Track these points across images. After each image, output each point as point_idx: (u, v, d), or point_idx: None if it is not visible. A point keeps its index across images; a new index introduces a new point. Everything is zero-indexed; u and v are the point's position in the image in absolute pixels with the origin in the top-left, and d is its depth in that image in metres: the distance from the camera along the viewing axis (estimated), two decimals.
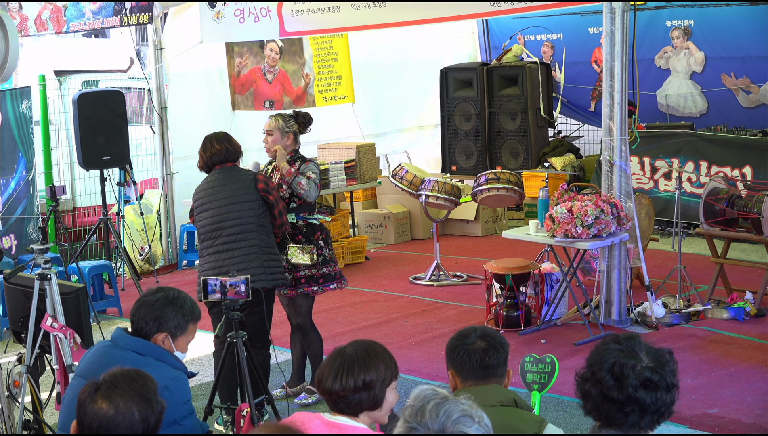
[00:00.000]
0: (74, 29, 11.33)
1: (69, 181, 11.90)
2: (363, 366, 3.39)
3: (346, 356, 3.43)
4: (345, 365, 3.39)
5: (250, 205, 6.16)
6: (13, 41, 5.03)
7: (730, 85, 12.39)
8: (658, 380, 2.94)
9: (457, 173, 13.21)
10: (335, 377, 3.38)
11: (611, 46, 7.90)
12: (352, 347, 3.47)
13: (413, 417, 2.61)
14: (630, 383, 2.92)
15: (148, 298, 4.13)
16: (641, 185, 11.52)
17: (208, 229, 6.19)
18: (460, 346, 3.62)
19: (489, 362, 3.58)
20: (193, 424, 4.05)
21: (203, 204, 6.25)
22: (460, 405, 2.61)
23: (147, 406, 3.05)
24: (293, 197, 6.51)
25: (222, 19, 10.64)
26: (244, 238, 6.11)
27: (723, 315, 8.05)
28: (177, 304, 4.13)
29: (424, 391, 2.67)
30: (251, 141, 12.36)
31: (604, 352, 3.01)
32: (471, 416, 2.60)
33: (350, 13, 9.66)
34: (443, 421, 2.57)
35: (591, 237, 7.49)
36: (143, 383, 3.11)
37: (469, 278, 9.91)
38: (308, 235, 6.53)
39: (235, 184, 6.19)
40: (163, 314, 4.09)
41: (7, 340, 7.93)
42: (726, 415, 6.08)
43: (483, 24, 14.69)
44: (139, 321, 4.08)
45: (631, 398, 2.93)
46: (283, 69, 12.25)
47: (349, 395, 3.37)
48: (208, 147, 6.29)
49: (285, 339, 8.02)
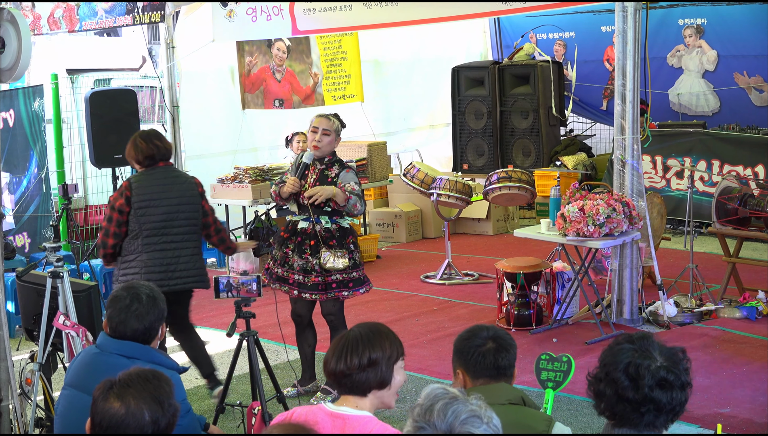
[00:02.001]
0: (87, 28, 11.35)
1: (81, 179, 11.91)
2: (368, 344, 3.40)
3: (350, 336, 3.44)
4: (350, 345, 3.41)
5: (195, 208, 6.35)
6: (26, 40, 5.03)
7: (743, 84, 12.35)
8: (673, 379, 2.94)
9: (468, 172, 13.19)
10: (339, 357, 3.39)
11: (623, 44, 7.88)
12: (356, 328, 3.50)
13: (421, 416, 2.61)
14: (646, 384, 2.91)
15: (134, 308, 4.00)
16: (653, 184, 11.49)
17: (157, 225, 6.23)
18: (473, 347, 3.61)
19: (502, 363, 3.58)
20: (191, 421, 4.05)
21: (153, 199, 6.24)
22: (468, 405, 2.60)
23: (158, 408, 3.04)
24: (328, 202, 6.40)
25: (234, 17, 10.65)
26: (190, 238, 6.31)
27: (735, 314, 8.03)
28: (159, 304, 4.10)
29: (435, 390, 2.66)
30: (262, 139, 12.42)
31: (618, 352, 3.00)
32: (479, 417, 2.59)
33: (362, 12, 9.66)
34: (451, 421, 2.57)
35: (603, 236, 7.48)
36: (158, 385, 3.10)
37: (480, 277, 9.90)
38: (341, 239, 6.44)
39: (183, 185, 6.34)
40: (153, 321, 4.06)
41: (19, 338, 7.95)
42: (738, 414, 6.06)
43: (495, 22, 14.67)
44: (133, 333, 4.00)
45: (647, 398, 2.92)
46: (290, 68, 12.26)
47: (354, 373, 3.37)
48: (147, 143, 6.31)
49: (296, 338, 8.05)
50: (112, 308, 4.04)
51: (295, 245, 6.45)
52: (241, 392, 6.58)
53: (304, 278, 6.40)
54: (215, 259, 11.14)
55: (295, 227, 6.49)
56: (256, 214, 9.97)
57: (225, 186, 10.12)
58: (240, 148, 12.12)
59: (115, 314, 4.02)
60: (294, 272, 6.42)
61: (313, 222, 6.40)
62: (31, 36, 5.41)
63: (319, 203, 6.35)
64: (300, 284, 6.41)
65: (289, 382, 6.79)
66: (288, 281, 6.44)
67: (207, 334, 8.43)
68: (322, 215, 6.40)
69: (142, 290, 4.10)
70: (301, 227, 6.45)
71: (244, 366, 6.27)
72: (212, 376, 6.51)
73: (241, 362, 5.92)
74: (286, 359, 7.03)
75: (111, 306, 4.05)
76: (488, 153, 13.27)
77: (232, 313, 5.52)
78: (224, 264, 10.64)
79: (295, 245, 6.45)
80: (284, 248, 6.50)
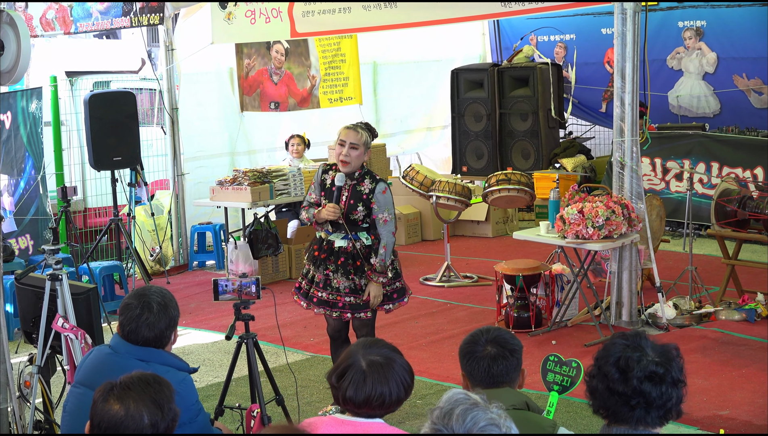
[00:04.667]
0: (84, 30, 11.34)
1: (80, 181, 11.93)
2: (378, 381, 3.33)
3: (358, 367, 3.34)
4: (359, 377, 3.32)
5: None
6: (25, 42, 5.03)
7: (742, 86, 12.35)
8: (663, 373, 2.95)
9: (467, 174, 13.19)
10: (355, 390, 3.32)
11: (622, 47, 7.89)
12: (363, 359, 3.37)
13: (440, 419, 2.61)
14: (635, 375, 2.93)
15: (144, 317, 4.00)
16: (652, 186, 11.49)
17: None
18: (471, 353, 3.58)
19: (496, 371, 3.53)
20: (204, 421, 4.06)
21: None
22: (489, 413, 2.60)
23: (158, 411, 3.04)
24: (366, 218, 6.12)
25: (233, 19, 10.65)
26: None
27: (734, 316, 8.03)
28: (170, 312, 4.10)
29: (456, 395, 2.65)
30: (259, 141, 12.42)
31: (610, 347, 3.04)
32: (498, 426, 2.59)
33: (361, 14, 9.66)
34: (469, 427, 2.56)
35: (602, 238, 7.48)
36: (158, 389, 3.10)
37: (479, 279, 9.90)
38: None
39: None
40: (165, 329, 4.06)
41: (18, 340, 7.95)
42: (737, 416, 6.06)
43: (494, 25, 14.67)
44: (145, 341, 4.00)
45: (636, 390, 2.93)
46: (288, 70, 12.27)
47: (367, 405, 3.35)
48: None
49: (295, 340, 8.05)
50: (124, 315, 4.05)
51: (337, 266, 6.16)
52: (240, 394, 6.58)
53: (355, 299, 6.16)
54: (214, 261, 11.14)
55: (331, 246, 6.20)
56: (255, 217, 10.02)
57: (224, 188, 10.12)
58: (238, 150, 12.13)
59: (127, 323, 4.03)
60: (342, 294, 6.16)
61: (352, 239, 6.15)
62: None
63: (356, 221, 6.11)
64: (352, 305, 6.18)
65: (289, 384, 6.78)
66: (338, 304, 6.19)
67: (206, 336, 8.44)
68: (360, 232, 6.16)
69: (153, 297, 4.07)
70: (339, 245, 6.17)
71: (243, 369, 6.27)
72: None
73: (240, 364, 5.91)
74: (285, 362, 7.02)
75: (123, 314, 4.06)
76: (487, 155, 13.27)
77: (231, 315, 5.51)
78: (223, 266, 10.65)
79: (336, 266, 6.17)
80: (324, 270, 6.20)
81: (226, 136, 12.00)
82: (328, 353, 6.87)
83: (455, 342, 5.74)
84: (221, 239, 11.02)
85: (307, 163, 11.11)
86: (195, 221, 11.32)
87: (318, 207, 6.22)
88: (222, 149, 11.98)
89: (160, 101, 11.40)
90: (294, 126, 12.20)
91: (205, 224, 11.21)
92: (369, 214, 6.12)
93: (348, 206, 6.10)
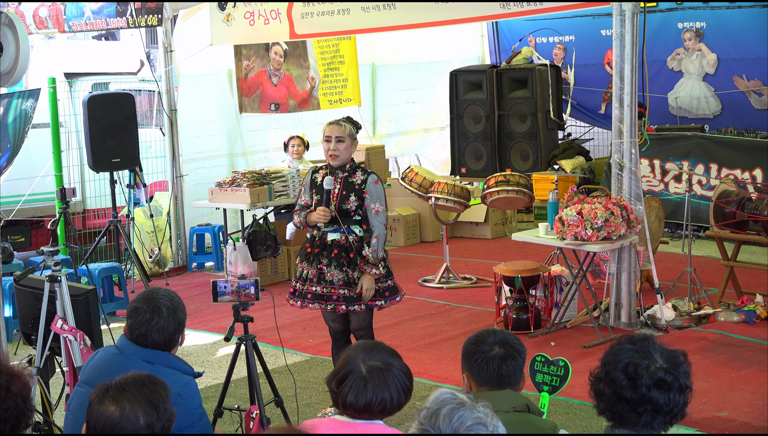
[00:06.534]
0: (78, 29, 11.30)
1: (79, 183, 11.91)
2: (378, 387, 3.32)
3: (357, 373, 3.32)
4: (360, 383, 3.31)
5: None
6: (24, 44, 5.04)
7: (742, 87, 12.35)
8: (671, 380, 2.96)
9: (466, 176, 13.20)
10: (355, 396, 3.31)
11: (621, 48, 7.89)
12: (362, 364, 3.36)
13: (427, 419, 2.60)
14: (644, 383, 2.94)
15: (154, 322, 4.00)
16: (651, 188, 11.49)
17: None
18: (478, 353, 3.57)
19: (505, 372, 3.54)
20: (206, 425, 4.06)
21: None
22: (475, 412, 2.59)
23: (153, 412, 3.04)
24: (358, 210, 6.17)
25: (232, 21, 10.65)
26: None
27: (733, 318, 8.03)
28: (178, 315, 4.10)
29: (443, 395, 2.65)
30: (257, 143, 12.42)
31: (618, 352, 3.04)
32: (485, 424, 2.58)
33: (360, 16, 9.66)
34: (456, 426, 2.56)
35: (601, 240, 7.48)
36: (153, 389, 3.10)
37: (478, 281, 9.90)
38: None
39: None
40: (173, 333, 4.07)
41: (17, 342, 7.95)
42: (736, 418, 6.06)
43: (493, 26, 14.68)
44: (154, 345, 4.01)
45: (645, 397, 2.94)
46: (287, 72, 12.27)
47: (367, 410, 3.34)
48: None
49: (294, 341, 8.05)
50: (133, 319, 4.03)
51: (331, 260, 6.16)
52: (239, 396, 6.58)
53: (348, 292, 6.16)
54: (213, 263, 11.14)
55: (324, 241, 6.20)
56: (254, 218, 10.02)
57: (223, 190, 10.11)
58: (237, 151, 12.13)
59: (136, 327, 4.02)
60: (336, 287, 6.16)
61: (345, 232, 6.15)
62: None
63: (348, 212, 6.13)
64: (346, 297, 6.16)
65: (288, 385, 6.78)
66: (332, 297, 6.18)
67: (205, 338, 8.43)
68: (353, 225, 6.17)
69: (162, 301, 4.06)
70: (332, 239, 6.17)
71: (242, 370, 6.27)
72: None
73: (239, 366, 5.91)
74: (284, 363, 7.02)
75: (131, 317, 4.04)
76: (486, 157, 13.27)
77: (230, 317, 5.51)
78: (222, 268, 10.64)
79: (330, 260, 6.16)
80: (318, 265, 6.20)
81: (225, 137, 12.01)
82: (327, 355, 6.88)
83: (454, 343, 5.75)
84: (220, 240, 11.01)
85: (306, 164, 11.11)
86: (194, 222, 11.31)
87: (309, 209, 6.26)
88: (221, 151, 11.98)
89: (159, 103, 11.39)
90: (293, 128, 12.21)
91: (204, 226, 11.20)
92: (361, 206, 6.16)
93: (340, 197, 6.14)
